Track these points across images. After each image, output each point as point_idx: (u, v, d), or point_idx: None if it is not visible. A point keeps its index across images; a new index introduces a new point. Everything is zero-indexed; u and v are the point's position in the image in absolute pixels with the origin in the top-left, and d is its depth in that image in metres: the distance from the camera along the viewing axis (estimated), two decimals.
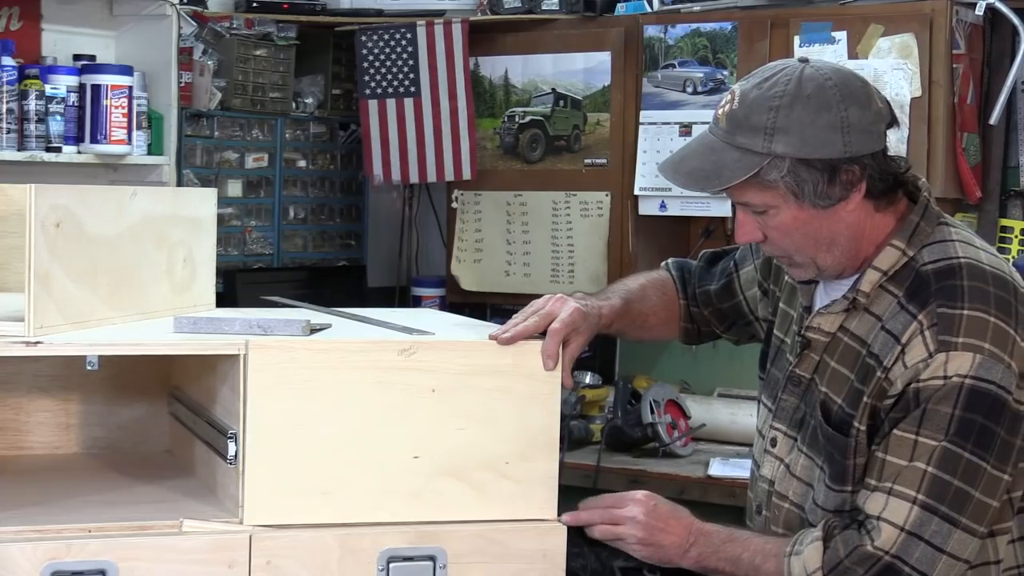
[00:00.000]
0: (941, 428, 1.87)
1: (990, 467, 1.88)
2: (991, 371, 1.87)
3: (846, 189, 1.97)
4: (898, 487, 1.90)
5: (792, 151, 1.94)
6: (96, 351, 2.01)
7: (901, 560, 1.90)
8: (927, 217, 2.04)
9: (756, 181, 1.97)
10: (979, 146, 3.82)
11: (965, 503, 1.88)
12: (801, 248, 2.03)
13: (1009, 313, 1.92)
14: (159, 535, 1.99)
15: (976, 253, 1.99)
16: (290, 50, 4.54)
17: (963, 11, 3.75)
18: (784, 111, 1.95)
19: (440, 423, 2.08)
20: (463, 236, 4.63)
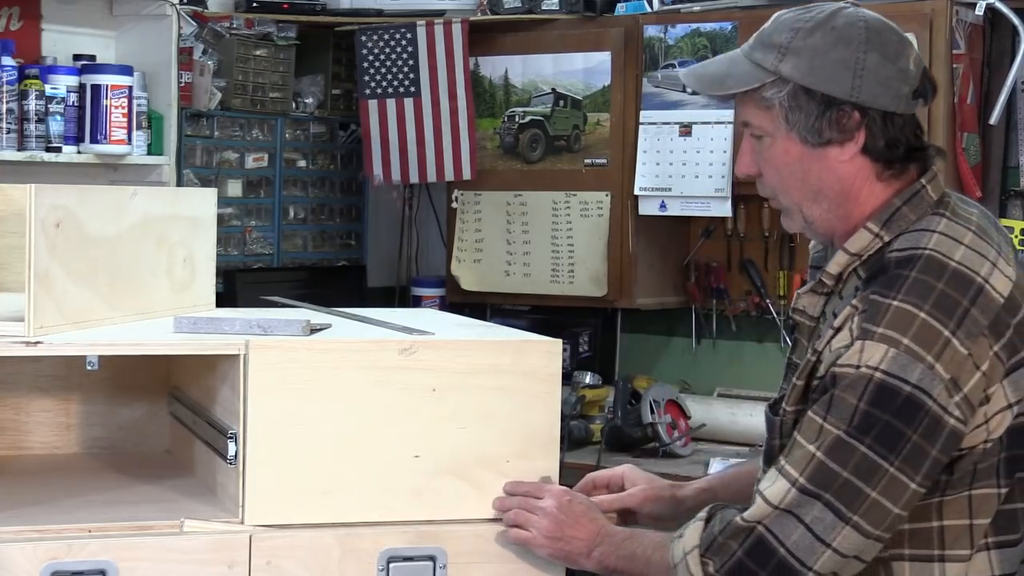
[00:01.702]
0: (844, 418, 1.76)
1: (893, 469, 1.75)
2: (906, 369, 1.75)
3: (840, 133, 1.89)
4: (787, 467, 1.81)
5: (798, 75, 1.88)
6: (96, 351, 2.01)
7: (775, 537, 1.80)
8: (914, 203, 1.90)
9: (756, 98, 1.92)
10: (979, 146, 3.83)
11: (856, 499, 1.76)
12: (788, 189, 1.94)
13: (950, 314, 1.77)
14: (159, 535, 1.99)
15: (952, 248, 1.83)
16: (290, 50, 4.54)
17: (963, 11, 3.75)
18: (803, 34, 1.89)
19: (440, 423, 2.08)
20: (463, 236, 4.63)
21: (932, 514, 1.82)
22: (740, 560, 1.83)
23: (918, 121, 1.94)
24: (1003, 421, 1.81)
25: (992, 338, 1.79)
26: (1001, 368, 1.79)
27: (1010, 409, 1.81)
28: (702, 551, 1.87)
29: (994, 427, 1.81)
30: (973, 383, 1.77)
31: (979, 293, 1.80)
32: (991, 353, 1.78)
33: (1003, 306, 1.81)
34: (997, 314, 1.80)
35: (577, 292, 4.37)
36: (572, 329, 4.55)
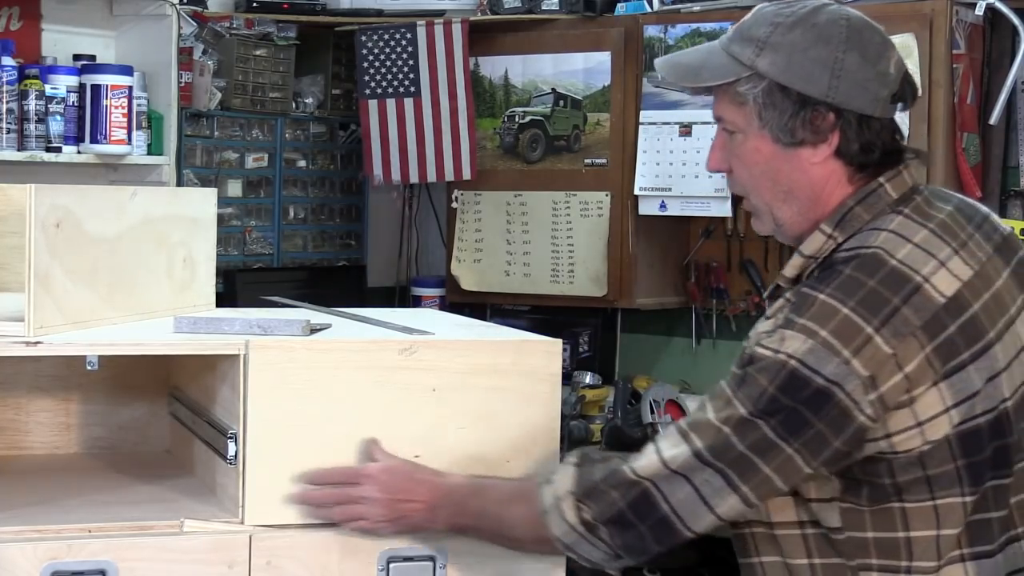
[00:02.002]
0: (752, 398, 1.73)
1: (791, 450, 1.73)
2: (820, 361, 1.71)
3: (813, 134, 1.83)
4: (692, 435, 1.77)
5: (774, 72, 1.82)
6: (96, 351, 2.01)
7: (661, 494, 1.77)
8: (868, 202, 1.85)
9: (731, 92, 1.86)
10: (979, 146, 3.82)
11: (749, 472, 1.74)
12: (758, 188, 1.90)
13: (876, 312, 1.73)
14: (159, 535, 1.99)
15: (897, 246, 1.79)
16: (290, 50, 4.54)
17: (963, 11, 3.75)
18: (783, 29, 1.83)
19: (441, 422, 2.08)
20: (463, 236, 4.63)
21: (897, 524, 1.79)
22: (621, 510, 1.80)
23: (896, 125, 1.90)
24: (941, 425, 1.75)
25: (925, 339, 1.74)
26: (932, 371, 1.74)
27: (948, 413, 1.75)
28: (578, 496, 1.84)
29: (932, 432, 1.75)
30: (892, 384, 1.72)
31: (914, 292, 1.75)
32: (921, 355, 1.73)
33: (943, 306, 1.76)
34: (934, 314, 1.75)
35: (577, 292, 4.37)
36: (572, 329, 4.55)
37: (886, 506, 1.78)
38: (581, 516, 1.83)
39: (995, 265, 1.85)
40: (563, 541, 1.85)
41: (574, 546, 1.85)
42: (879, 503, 1.78)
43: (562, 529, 1.84)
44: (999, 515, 1.82)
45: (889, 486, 1.77)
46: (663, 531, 1.79)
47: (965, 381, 1.76)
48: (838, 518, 1.80)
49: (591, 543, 1.83)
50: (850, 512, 1.79)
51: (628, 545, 1.82)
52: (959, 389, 1.75)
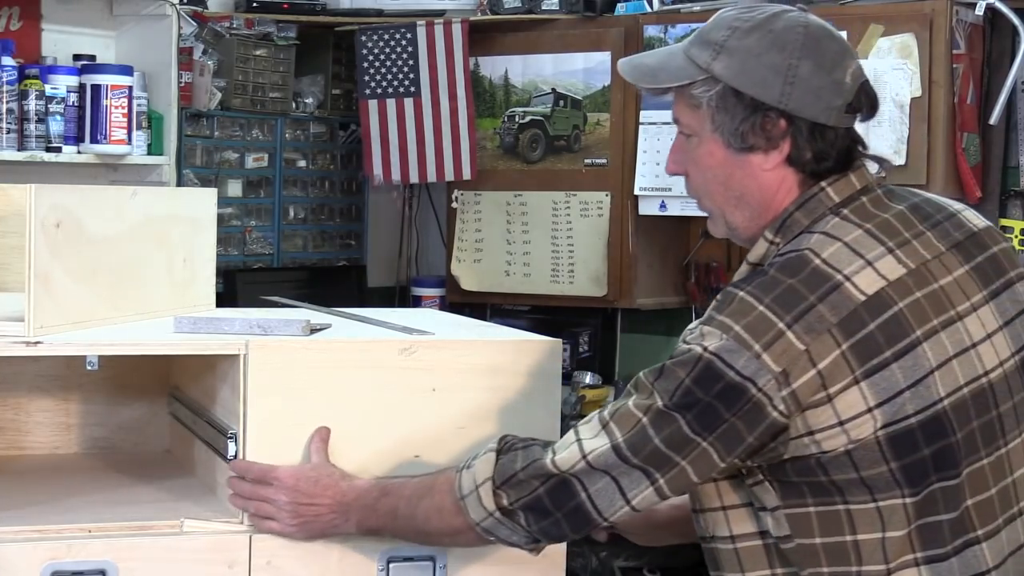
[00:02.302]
0: (669, 391, 1.75)
1: (705, 443, 1.74)
2: (732, 355, 1.72)
3: (765, 140, 1.82)
4: (612, 425, 1.78)
5: (728, 76, 1.82)
6: (96, 351, 2.02)
7: (581, 483, 1.79)
8: (808, 207, 1.83)
9: (687, 95, 1.86)
10: (979, 146, 3.82)
11: (665, 464, 1.75)
12: (711, 192, 1.90)
13: (789, 308, 1.73)
14: (159, 535, 1.99)
15: (825, 246, 1.78)
16: (290, 50, 4.54)
17: (963, 11, 3.75)
18: (740, 34, 1.83)
19: (440, 423, 2.08)
20: (463, 236, 4.63)
21: (844, 527, 1.77)
22: (539, 497, 1.82)
23: (856, 136, 1.87)
24: (865, 426, 1.73)
25: (841, 336, 1.72)
26: (849, 368, 1.72)
27: (871, 413, 1.73)
28: (496, 483, 1.85)
29: (856, 431, 1.73)
30: (805, 380, 1.71)
31: (832, 290, 1.74)
32: (837, 352, 1.72)
33: (863, 304, 1.74)
34: (851, 312, 1.74)
35: (577, 292, 4.37)
36: (572, 329, 4.55)
37: (832, 508, 1.77)
38: (499, 502, 1.85)
39: (946, 263, 1.83)
40: (481, 526, 1.86)
41: (492, 529, 1.87)
42: (824, 503, 1.77)
43: (480, 515, 1.86)
44: (950, 517, 1.78)
45: (827, 484, 1.76)
46: (579, 519, 1.81)
47: (888, 380, 1.74)
48: (787, 526, 1.79)
49: (510, 528, 1.86)
50: (797, 517, 1.78)
51: (545, 530, 1.85)
52: (882, 388, 1.73)
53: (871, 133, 3.77)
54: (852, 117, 1.85)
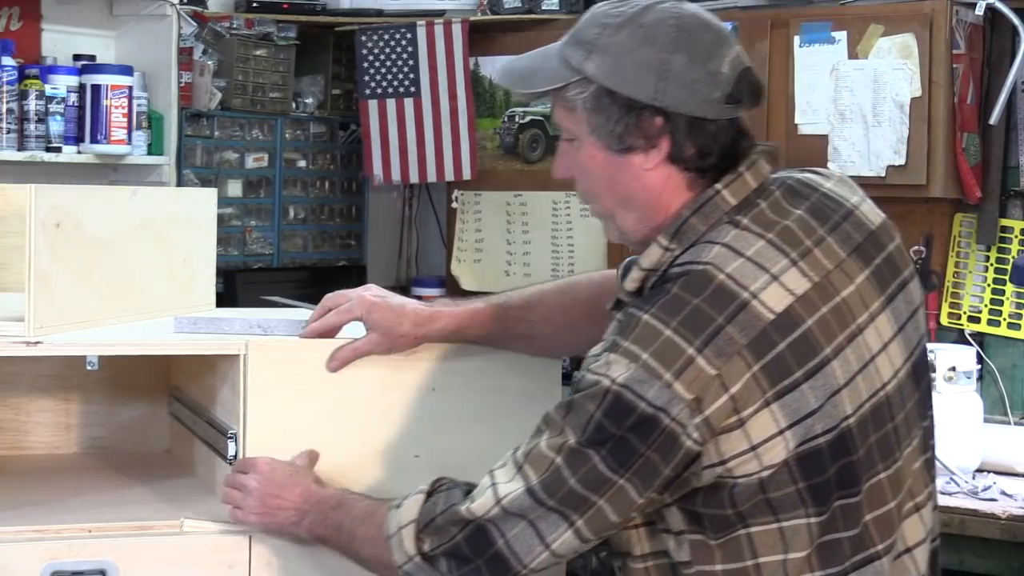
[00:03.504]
0: (580, 426, 1.68)
1: (623, 481, 1.67)
2: (642, 386, 1.65)
3: (643, 139, 1.75)
4: (527, 467, 1.72)
5: (601, 76, 1.74)
6: (96, 351, 2.02)
7: (497, 529, 1.73)
8: (704, 212, 1.75)
9: (562, 98, 1.78)
10: (979, 146, 3.82)
11: (583, 505, 1.69)
12: (598, 196, 1.82)
13: (698, 331, 1.65)
14: (159, 535, 1.99)
15: (727, 260, 1.70)
16: (290, 50, 4.54)
17: (963, 11, 3.75)
18: (611, 31, 1.75)
19: (441, 422, 2.08)
20: (463, 236, 4.63)
21: (745, 552, 1.71)
22: (458, 544, 1.77)
23: (740, 126, 1.80)
24: (777, 449, 1.67)
25: (751, 358, 1.66)
26: (761, 391, 1.66)
27: (783, 435, 1.67)
28: (419, 528, 1.80)
29: (768, 456, 1.67)
30: (718, 406, 1.65)
31: (740, 309, 1.67)
32: (748, 374, 1.66)
33: (772, 323, 1.68)
34: (761, 332, 1.67)
35: None
36: None
37: (732, 535, 1.71)
38: (420, 547, 1.80)
39: (848, 270, 1.76)
40: (403, 568, 1.82)
41: (413, 574, 1.81)
42: (725, 533, 1.71)
43: (402, 558, 1.81)
44: (849, 535, 1.73)
45: (732, 515, 1.71)
46: (498, 567, 1.75)
47: (799, 400, 1.68)
48: (688, 551, 1.74)
49: (429, 573, 1.80)
50: (698, 545, 1.73)
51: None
52: (793, 409, 1.67)
53: (871, 133, 3.78)
54: (734, 108, 1.78)
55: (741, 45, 1.83)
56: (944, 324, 3.97)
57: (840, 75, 3.85)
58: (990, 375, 3.87)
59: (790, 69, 3.93)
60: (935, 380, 3.34)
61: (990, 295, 3.91)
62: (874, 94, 3.79)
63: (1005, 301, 3.89)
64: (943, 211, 3.96)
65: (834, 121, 3.86)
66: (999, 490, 3.23)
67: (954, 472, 3.28)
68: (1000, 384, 3.87)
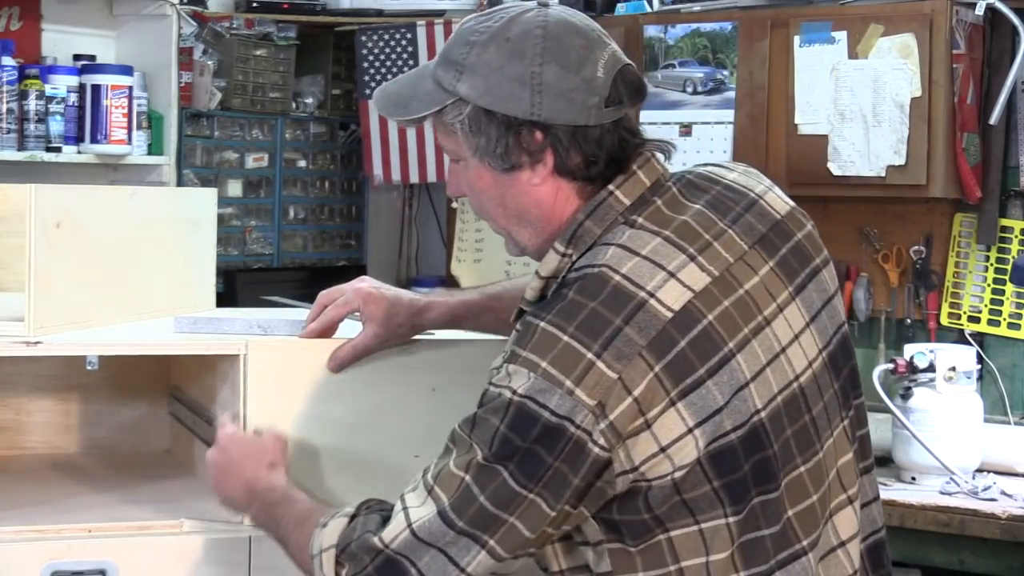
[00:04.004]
0: (486, 440, 1.65)
1: (533, 495, 1.63)
2: (544, 395, 1.61)
3: (526, 156, 1.72)
4: (437, 489, 1.68)
5: (475, 96, 1.71)
6: (96, 351, 2.02)
7: (407, 559, 1.68)
8: (598, 215, 1.72)
9: (440, 122, 1.75)
10: (979, 146, 3.82)
11: (493, 524, 1.65)
12: (492, 214, 1.79)
13: (595, 335, 1.62)
14: (159, 535, 1.99)
15: (622, 261, 1.68)
16: (290, 50, 4.54)
17: (963, 11, 3.75)
18: (478, 49, 1.71)
19: (440, 422, 2.07)
20: (463, 236, 4.63)
21: (667, 557, 1.67)
22: (370, 574, 1.72)
23: (627, 126, 1.76)
24: (687, 449, 1.64)
25: (652, 358, 1.63)
26: (664, 391, 1.63)
27: (691, 434, 1.64)
28: (337, 552, 1.75)
29: (678, 456, 1.64)
30: (622, 409, 1.62)
31: (638, 310, 1.64)
32: (650, 375, 1.62)
33: (671, 321, 1.65)
34: (660, 331, 1.64)
35: None
36: None
37: (652, 541, 1.68)
38: (338, 572, 1.75)
39: (751, 262, 1.73)
40: None
41: None
42: (644, 539, 1.68)
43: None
44: (772, 532, 1.70)
45: (650, 520, 1.68)
46: None
47: (705, 398, 1.65)
48: (608, 561, 1.70)
49: None
50: (618, 553, 1.70)
51: None
52: (699, 407, 1.64)
53: (871, 133, 3.78)
54: (616, 110, 1.74)
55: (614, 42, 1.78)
56: (944, 324, 3.97)
57: (840, 75, 3.85)
58: (990, 375, 3.87)
59: (790, 69, 3.93)
60: (935, 380, 3.34)
61: (990, 295, 3.91)
62: (874, 94, 3.79)
63: (1005, 301, 3.89)
64: (943, 211, 3.96)
65: (834, 121, 3.86)
66: (999, 490, 3.22)
67: (954, 472, 3.28)
68: (1000, 384, 3.87)
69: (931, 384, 3.35)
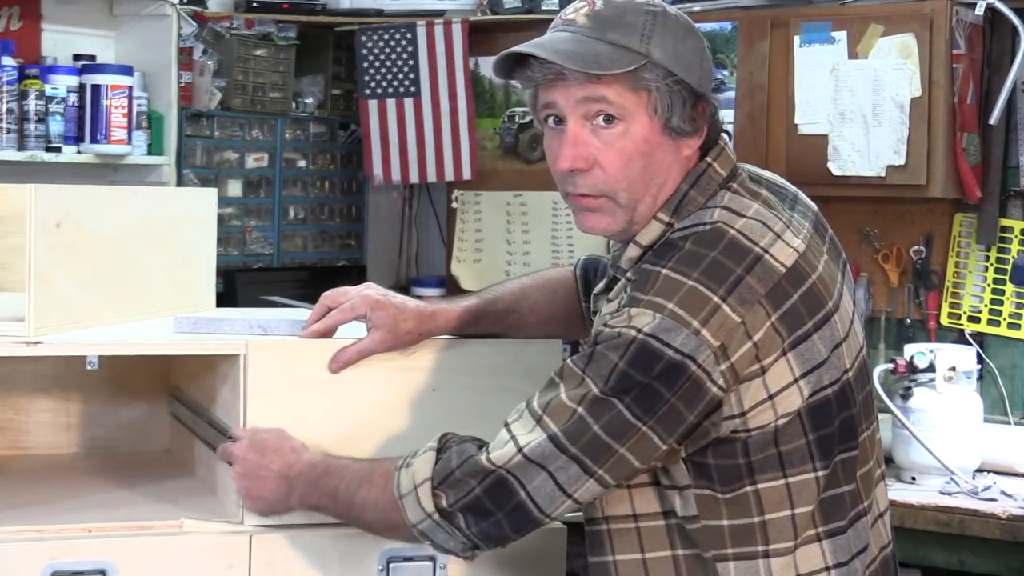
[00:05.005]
0: (602, 376, 1.69)
1: (646, 427, 1.68)
2: (670, 334, 1.67)
3: (696, 124, 1.81)
4: (546, 418, 1.72)
5: (666, 60, 1.76)
6: (96, 351, 2.02)
7: (517, 480, 1.72)
8: (701, 184, 1.81)
9: (630, 78, 1.76)
10: (979, 146, 3.82)
11: (605, 454, 1.69)
12: (635, 183, 1.80)
13: (720, 281, 1.69)
14: (159, 535, 1.99)
15: (733, 219, 1.76)
16: (290, 50, 4.54)
17: (963, 11, 3.75)
18: (661, 18, 1.78)
19: (441, 422, 2.08)
20: (463, 236, 4.63)
21: (752, 508, 1.74)
22: (478, 497, 1.76)
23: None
24: (792, 398, 1.72)
25: (770, 307, 1.71)
26: (780, 340, 1.71)
27: (796, 384, 1.72)
28: (435, 484, 1.78)
29: (782, 405, 1.72)
30: (742, 352, 1.69)
31: (756, 261, 1.72)
32: (768, 323, 1.71)
33: (784, 276, 1.73)
34: (776, 283, 1.72)
35: None
36: None
37: (740, 491, 1.74)
38: (438, 504, 1.78)
39: (816, 240, 1.84)
40: (419, 528, 1.81)
41: (429, 533, 1.81)
42: (732, 488, 1.74)
43: (418, 516, 1.80)
44: (849, 489, 1.80)
45: (743, 466, 1.73)
46: (520, 518, 1.75)
47: (811, 351, 1.74)
48: (694, 506, 1.76)
49: (447, 532, 1.79)
50: (706, 499, 1.75)
51: (485, 533, 1.78)
52: (806, 359, 1.73)
53: (871, 133, 3.78)
54: None
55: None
56: (944, 324, 3.97)
57: (840, 75, 3.85)
58: (990, 375, 3.87)
59: (790, 69, 3.93)
60: (935, 380, 3.34)
61: (990, 295, 3.91)
62: (874, 94, 3.79)
63: (1005, 301, 3.89)
64: (943, 211, 3.96)
65: (834, 121, 3.86)
66: (999, 490, 3.22)
67: (954, 472, 3.28)
68: (1000, 384, 3.87)
69: (931, 384, 3.34)
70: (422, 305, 2.06)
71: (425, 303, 2.07)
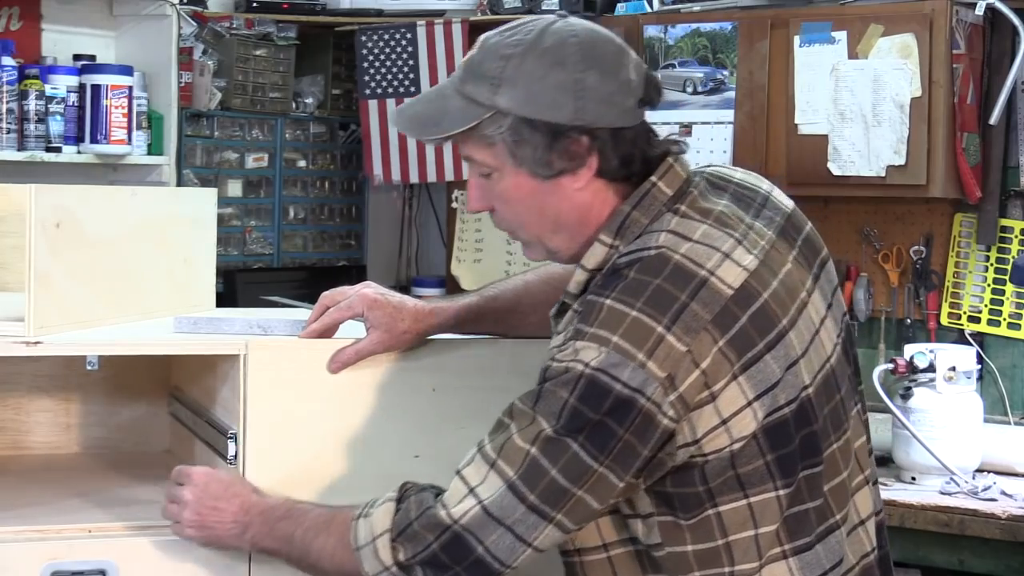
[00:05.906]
0: (553, 414, 1.67)
1: (603, 468, 1.67)
2: (617, 368, 1.65)
3: (571, 161, 1.76)
4: (501, 462, 1.70)
5: (516, 107, 1.74)
6: (96, 351, 2.02)
7: (474, 536, 1.71)
8: (644, 205, 1.78)
9: (478, 135, 1.78)
10: (979, 146, 3.82)
11: (562, 498, 1.68)
12: (525, 224, 1.83)
13: (664, 310, 1.67)
14: (159, 535, 1.99)
15: (678, 243, 1.73)
16: (290, 50, 4.55)
17: (963, 11, 3.75)
18: (515, 61, 1.75)
19: (440, 422, 2.08)
20: (463, 236, 4.63)
21: (715, 531, 1.73)
22: (435, 553, 1.74)
23: (648, 126, 1.84)
24: (746, 421, 1.70)
25: (717, 333, 1.69)
26: (729, 364, 1.69)
27: (751, 407, 1.70)
28: (393, 536, 1.76)
29: (737, 428, 1.70)
30: (691, 381, 1.67)
31: (702, 286, 1.70)
32: (715, 348, 1.68)
33: (732, 298, 1.71)
34: (724, 307, 1.70)
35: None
36: None
37: (702, 516, 1.73)
38: (396, 557, 1.76)
39: (779, 250, 1.80)
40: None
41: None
42: (694, 513, 1.73)
43: (376, 568, 1.78)
44: (815, 505, 1.77)
45: (703, 493, 1.72)
46: (479, 572, 1.73)
47: (764, 372, 1.71)
48: (658, 534, 1.75)
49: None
50: (669, 526, 1.74)
51: None
52: (759, 381, 1.70)
53: (871, 133, 3.78)
54: (643, 111, 1.82)
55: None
56: (944, 324, 3.97)
57: (840, 75, 3.85)
58: (990, 375, 3.87)
59: (790, 69, 3.93)
60: (935, 380, 3.34)
61: (990, 295, 3.91)
62: (874, 94, 3.79)
63: (1005, 301, 3.89)
64: (943, 211, 3.96)
65: (834, 121, 3.86)
66: (999, 490, 3.23)
67: (954, 472, 3.28)
68: (1000, 384, 3.87)
69: (931, 384, 3.35)
70: (420, 304, 2.06)
71: (423, 302, 2.07)
